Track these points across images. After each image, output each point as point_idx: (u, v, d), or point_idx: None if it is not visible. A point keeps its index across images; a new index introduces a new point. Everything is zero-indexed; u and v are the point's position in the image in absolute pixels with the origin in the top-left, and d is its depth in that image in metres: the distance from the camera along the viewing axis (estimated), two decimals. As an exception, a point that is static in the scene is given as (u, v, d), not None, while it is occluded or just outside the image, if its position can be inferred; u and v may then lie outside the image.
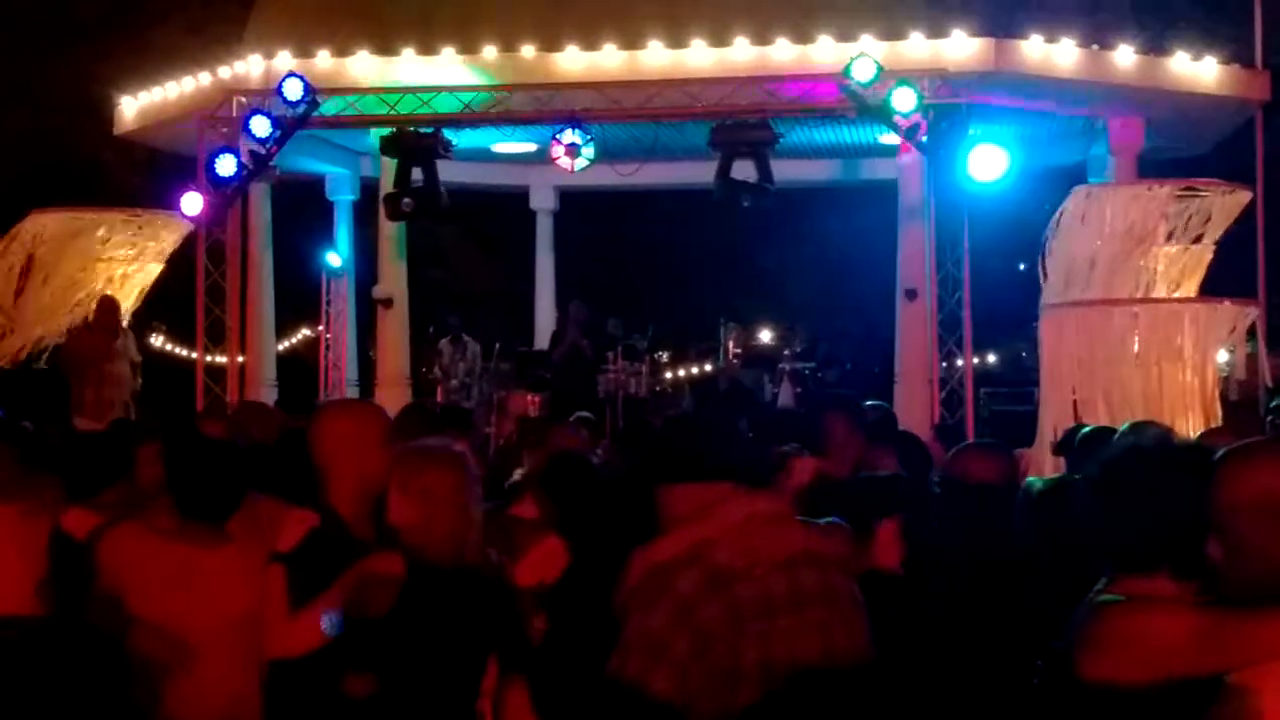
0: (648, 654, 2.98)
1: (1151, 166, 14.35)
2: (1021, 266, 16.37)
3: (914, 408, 13.16)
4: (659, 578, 3.06)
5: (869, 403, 8.45)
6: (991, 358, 23.02)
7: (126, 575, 4.39)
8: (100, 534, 4.58)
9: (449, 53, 13.97)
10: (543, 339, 17.34)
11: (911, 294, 13.95)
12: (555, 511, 5.13)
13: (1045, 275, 9.22)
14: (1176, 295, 9.20)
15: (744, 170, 12.99)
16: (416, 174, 13.59)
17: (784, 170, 13.57)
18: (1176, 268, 9.33)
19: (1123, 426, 6.33)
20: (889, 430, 6.91)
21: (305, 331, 24.12)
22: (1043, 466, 7.49)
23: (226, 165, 12.98)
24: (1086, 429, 6.50)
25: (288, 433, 5.75)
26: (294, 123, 13.13)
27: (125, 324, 13.67)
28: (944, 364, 13.47)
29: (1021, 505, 4.18)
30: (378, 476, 3.96)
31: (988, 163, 11.80)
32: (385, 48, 14.09)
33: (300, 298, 19.81)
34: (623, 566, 3.15)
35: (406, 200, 13.36)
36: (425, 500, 3.84)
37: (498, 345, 16.34)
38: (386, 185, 14.19)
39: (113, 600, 4.36)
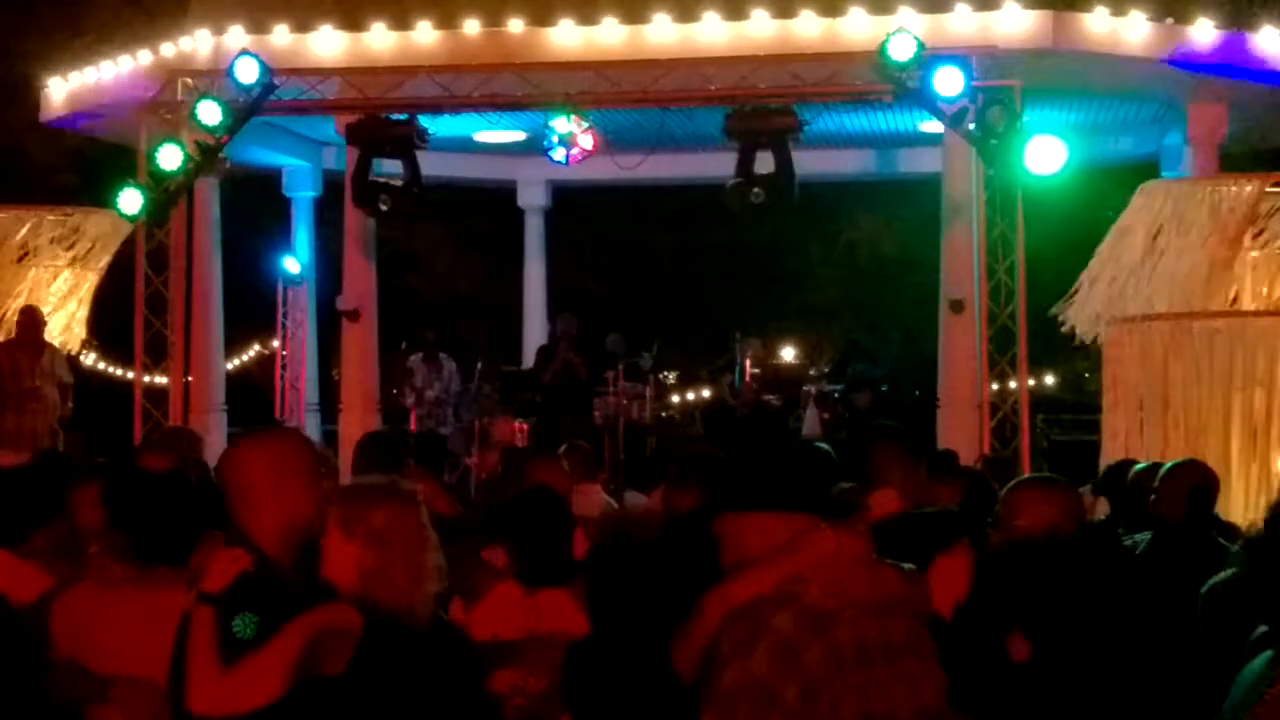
0: (758, 705, 3.00)
1: (1235, 159, 14.34)
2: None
3: (960, 437, 13.10)
4: (750, 618, 3.08)
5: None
6: (1049, 379, 22.98)
7: (89, 639, 4.42)
8: (49, 601, 4.59)
9: (425, 27, 13.97)
10: (531, 356, 17.31)
11: (957, 305, 13.96)
12: (516, 556, 5.19)
13: (1094, 282, 9.17)
14: (1266, 308, 9.16)
15: (763, 163, 12.92)
16: (389, 166, 13.57)
17: (809, 163, 13.56)
18: (1266, 275, 9.30)
19: (1165, 465, 6.31)
20: (951, 463, 6.83)
21: (258, 348, 24.07)
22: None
23: (170, 157, 12.95)
24: (1140, 466, 6.45)
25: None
26: (248, 108, 13.11)
27: (54, 340, 13.64)
28: (995, 386, 13.44)
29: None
30: (304, 516, 3.95)
31: (1045, 154, 11.76)
32: (352, 22, 14.09)
33: (254, 309, 19.79)
34: (643, 616, 3.19)
35: (384, 197, 13.34)
36: (374, 546, 3.85)
37: (479, 364, 16.33)
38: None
39: (75, 667, 4.38)
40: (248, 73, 12.81)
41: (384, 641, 3.77)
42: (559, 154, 13.32)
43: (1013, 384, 13.32)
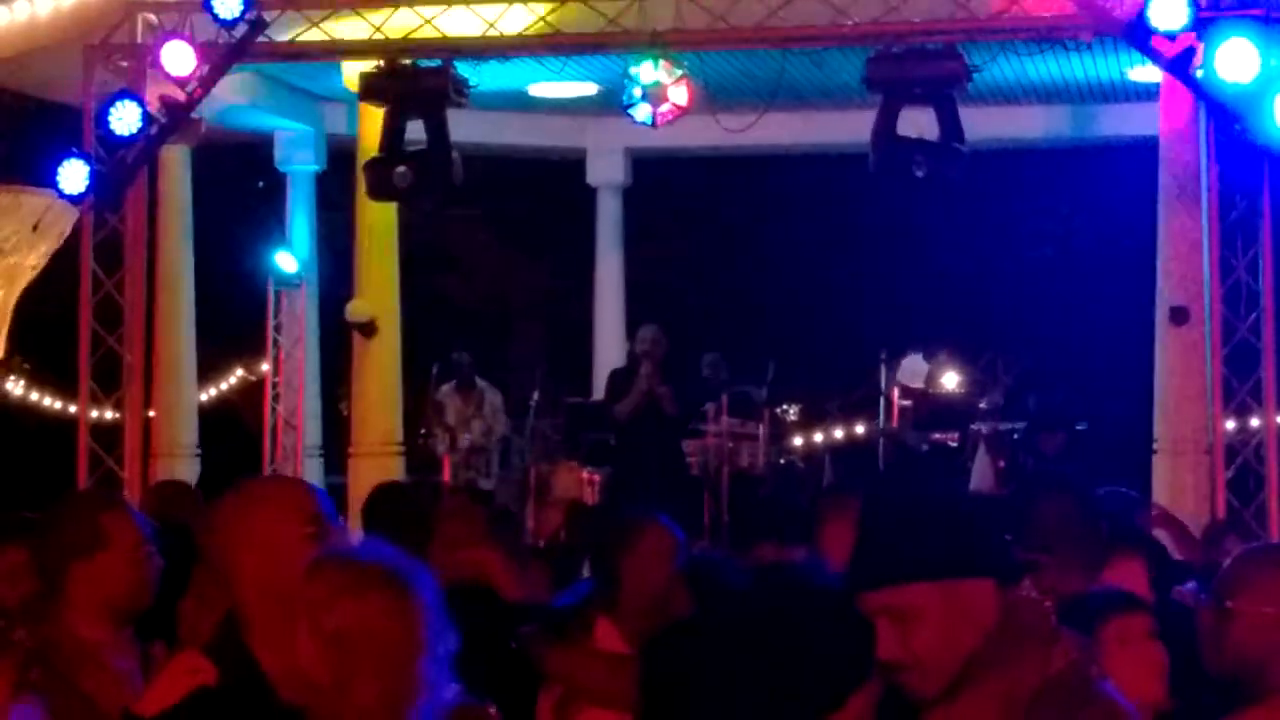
0: None
1: None
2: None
3: (1185, 490, 13.12)
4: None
5: (1105, 490, 8.48)
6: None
7: None
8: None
9: (465, -55, 14.07)
10: (603, 385, 17.31)
11: (1180, 315, 13.93)
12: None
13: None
14: None
15: (918, 123, 12.95)
16: (414, 130, 13.64)
17: (980, 122, 13.54)
18: None
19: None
20: (1132, 531, 6.91)
21: (242, 372, 24.25)
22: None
23: (126, 117, 13.06)
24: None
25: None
26: (229, 53, 13.23)
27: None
28: (1232, 424, 13.35)
29: None
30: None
31: (1302, 111, 11.71)
32: (368, -63, 14.22)
33: (236, 320, 19.93)
34: None
35: (401, 170, 13.42)
36: (335, 649, 3.83)
37: (535, 394, 16.39)
38: (369, 149, 14.27)
39: None
40: (229, 6, 12.93)
41: None
42: (643, 113, 13.34)
43: (1256, 421, 13.22)
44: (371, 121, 14.29)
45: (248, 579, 4.12)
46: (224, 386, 24.25)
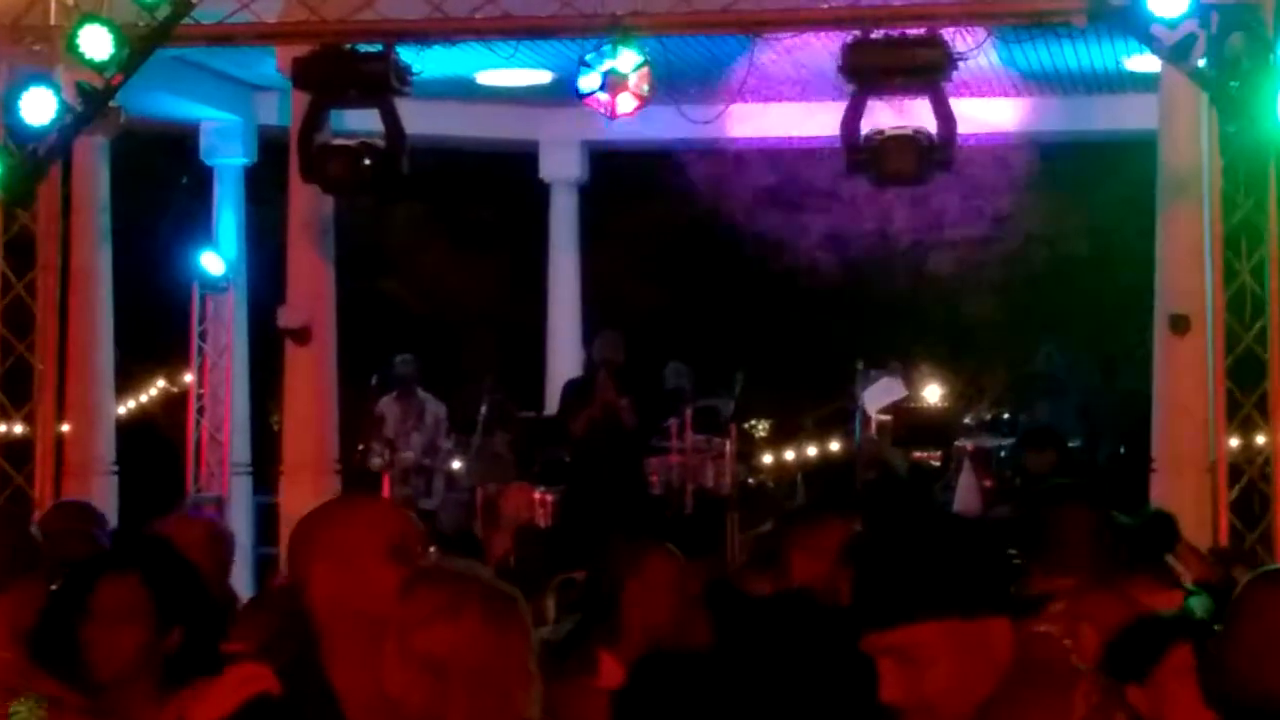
0: None
1: None
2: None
3: (1184, 513, 12.95)
4: None
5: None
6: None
7: None
8: None
9: (409, -82, 14.01)
10: (557, 397, 17.29)
11: (1180, 322, 14.01)
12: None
13: None
14: None
15: (899, 109, 12.97)
16: (354, 121, 13.59)
17: (965, 115, 13.46)
18: None
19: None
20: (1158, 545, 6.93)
21: (164, 383, 24.19)
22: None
23: (39, 105, 13.00)
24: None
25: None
26: (152, 36, 13.13)
27: None
28: (1236, 441, 13.35)
29: None
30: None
31: (1310, 104, 11.71)
32: (302, -89, 14.14)
33: (159, 326, 19.88)
34: None
35: (345, 165, 13.34)
36: (431, 674, 3.84)
37: (483, 407, 16.34)
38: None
39: None
40: (151, -17, 12.85)
41: None
42: (601, 102, 13.27)
43: (1261, 438, 13.23)
44: (305, 110, 14.17)
45: (320, 595, 4.26)
46: (144, 398, 24.22)
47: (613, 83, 13.18)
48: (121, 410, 18.87)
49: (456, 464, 16.84)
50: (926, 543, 3.57)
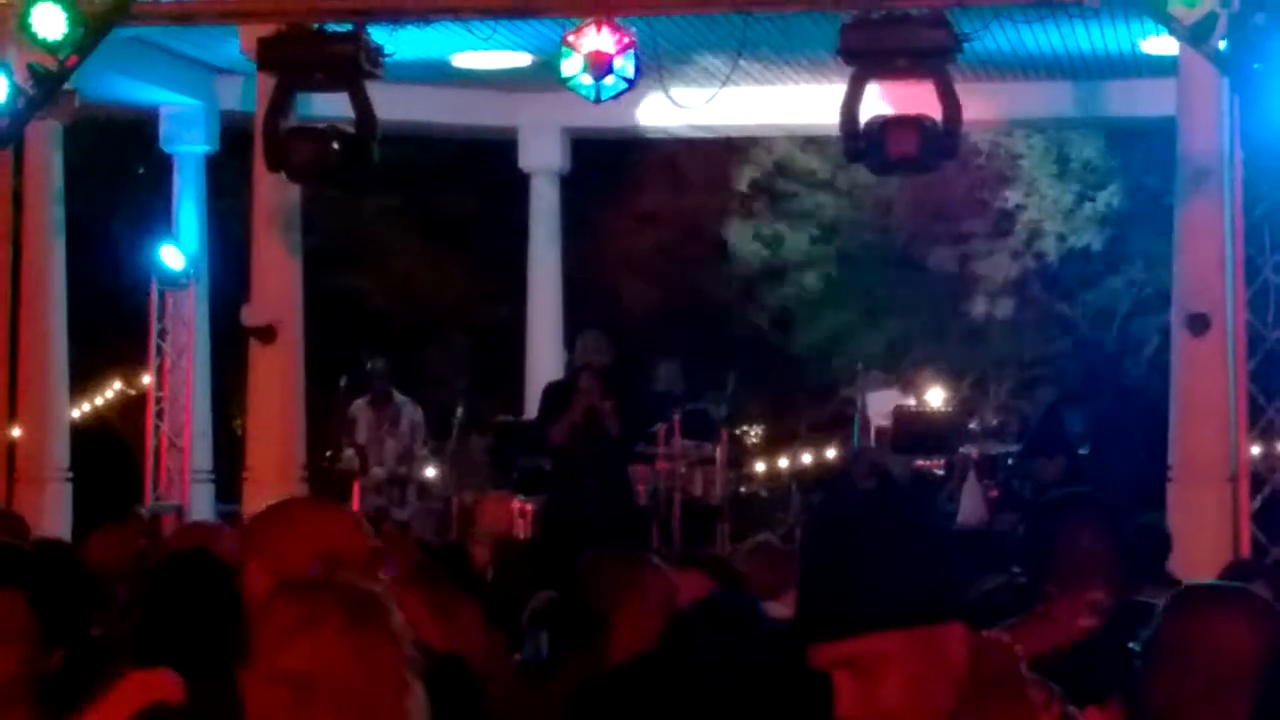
0: None
1: None
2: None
3: (1204, 523, 13.21)
4: None
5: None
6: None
7: None
8: None
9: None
10: (536, 401, 17.22)
11: (1199, 322, 13.96)
12: None
13: None
14: None
15: (900, 99, 13.00)
16: (322, 106, 13.52)
17: (972, 100, 13.52)
18: None
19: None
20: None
21: (120, 384, 24.20)
22: None
23: (-14, 89, 12.97)
24: None
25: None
26: (107, 16, 13.08)
27: None
28: (1258, 448, 13.45)
29: None
30: None
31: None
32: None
33: (115, 324, 19.86)
34: None
35: (312, 151, 13.27)
36: (293, 691, 3.81)
37: (459, 412, 16.31)
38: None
39: None
40: (106, -39, 12.82)
41: None
42: (584, 84, 13.16)
43: (1284, 445, 13.28)
44: (270, 94, 14.18)
45: (250, 592, 4.41)
46: (100, 401, 24.26)
47: (596, 65, 13.14)
48: (76, 414, 18.90)
49: (431, 472, 16.84)
50: (880, 545, 3.52)
